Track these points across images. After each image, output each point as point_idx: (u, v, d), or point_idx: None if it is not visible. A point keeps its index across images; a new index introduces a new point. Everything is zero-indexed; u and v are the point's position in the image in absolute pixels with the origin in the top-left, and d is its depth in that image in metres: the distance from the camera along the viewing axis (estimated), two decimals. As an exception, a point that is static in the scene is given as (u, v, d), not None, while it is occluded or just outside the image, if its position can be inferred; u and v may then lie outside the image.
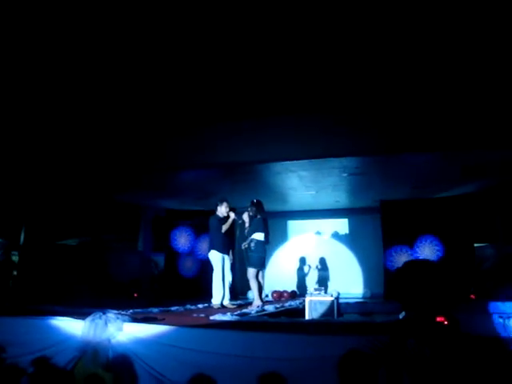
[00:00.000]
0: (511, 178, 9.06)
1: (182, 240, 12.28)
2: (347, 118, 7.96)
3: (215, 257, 7.36)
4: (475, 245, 10.47)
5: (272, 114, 8.15)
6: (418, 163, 8.74)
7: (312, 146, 8.00)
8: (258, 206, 7.41)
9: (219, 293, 7.28)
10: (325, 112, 8.01)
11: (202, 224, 11.55)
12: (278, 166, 8.81)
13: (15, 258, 11.74)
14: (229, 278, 7.49)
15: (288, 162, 8.50)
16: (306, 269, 12.90)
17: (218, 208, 7.61)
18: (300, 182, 10.03)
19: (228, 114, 8.22)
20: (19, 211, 11.32)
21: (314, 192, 10.98)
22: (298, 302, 8.52)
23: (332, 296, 7.19)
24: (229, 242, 7.74)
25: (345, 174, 9.27)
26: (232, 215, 7.54)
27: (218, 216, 7.58)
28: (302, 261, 12.99)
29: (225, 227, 7.48)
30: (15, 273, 11.43)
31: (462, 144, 7.54)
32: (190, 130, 8.82)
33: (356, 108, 7.85)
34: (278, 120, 8.26)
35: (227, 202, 7.64)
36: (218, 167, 9.02)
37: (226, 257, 7.46)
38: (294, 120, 8.17)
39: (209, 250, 7.48)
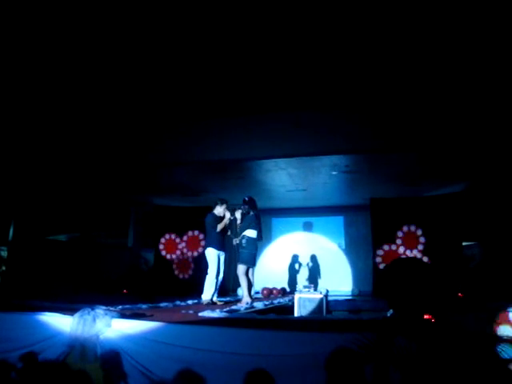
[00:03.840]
0: (499, 177, 9.15)
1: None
2: (337, 116, 8.00)
3: (212, 254, 7.38)
4: (463, 243, 10.56)
5: (262, 111, 8.16)
6: (407, 162, 8.81)
7: (302, 144, 8.02)
8: (251, 203, 7.41)
9: (210, 289, 7.30)
10: (315, 110, 8.03)
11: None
12: (268, 164, 8.84)
13: (4, 254, 11.67)
14: (221, 275, 7.52)
15: (278, 160, 8.53)
16: (296, 266, 12.94)
17: (217, 207, 7.62)
18: (290, 180, 10.07)
19: (218, 111, 8.21)
20: (8, 206, 11.24)
21: (303, 190, 11.02)
22: (287, 299, 8.56)
23: (321, 293, 7.23)
24: (224, 240, 7.75)
25: (335, 172, 9.31)
26: (228, 215, 7.55)
27: (214, 214, 7.60)
28: (293, 258, 13.03)
29: (220, 226, 7.48)
30: (4, 268, 11.37)
31: (451, 144, 7.61)
32: (180, 126, 8.81)
33: (346, 106, 7.88)
34: (267, 117, 8.28)
35: (227, 204, 7.65)
36: (208, 164, 9.03)
37: (221, 254, 7.49)
38: (284, 117, 8.19)
39: (205, 247, 7.50)
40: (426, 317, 4.24)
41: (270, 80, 7.17)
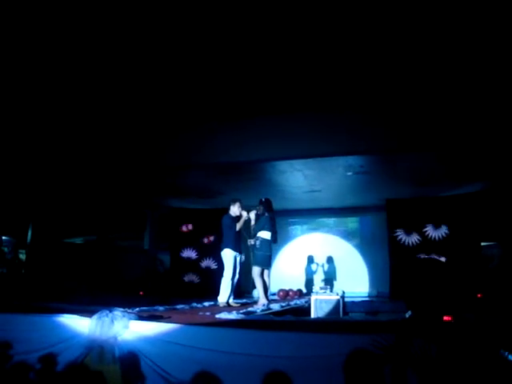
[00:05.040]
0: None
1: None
2: (352, 117, 7.96)
3: (228, 255, 7.38)
4: (482, 243, 10.43)
5: (277, 112, 8.15)
6: (423, 162, 8.72)
7: (317, 145, 8.00)
8: (267, 205, 7.37)
9: (227, 291, 7.30)
10: (330, 110, 8.00)
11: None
12: (283, 165, 8.83)
13: (23, 256, 11.83)
14: (237, 276, 7.52)
15: (293, 161, 8.51)
16: (313, 267, 12.88)
17: (231, 207, 7.64)
18: (305, 181, 10.03)
19: (233, 113, 8.23)
20: (26, 210, 11.40)
21: (319, 191, 10.97)
22: (303, 300, 8.52)
23: (337, 295, 7.19)
24: (240, 241, 7.76)
25: (350, 173, 9.25)
26: (244, 214, 7.55)
27: (230, 215, 7.61)
28: (309, 259, 12.98)
29: (239, 226, 7.51)
30: (23, 271, 11.52)
31: (466, 143, 7.52)
32: (195, 128, 8.84)
33: (361, 107, 7.84)
34: (283, 118, 8.27)
35: (240, 203, 7.66)
36: (222, 166, 9.05)
37: (237, 255, 7.49)
38: (299, 118, 8.17)
39: (222, 249, 7.52)
40: (445, 318, 4.19)
41: (285, 81, 7.16)
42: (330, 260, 12.81)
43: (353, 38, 6.11)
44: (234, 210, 7.62)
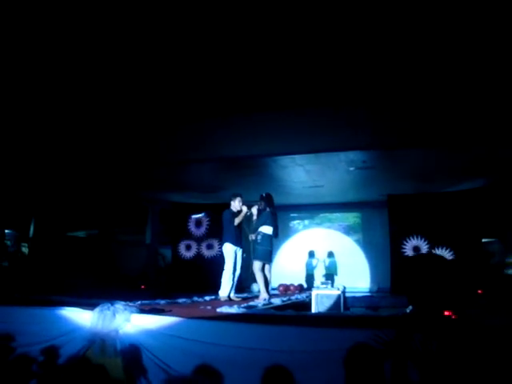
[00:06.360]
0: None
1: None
2: (354, 112, 7.94)
3: (228, 249, 7.41)
4: (483, 240, 10.43)
5: (278, 107, 8.13)
6: (426, 157, 8.71)
7: (319, 140, 7.99)
8: (268, 200, 7.39)
9: (228, 285, 7.33)
10: (332, 106, 7.98)
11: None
12: (284, 160, 8.82)
13: (25, 250, 11.86)
14: (238, 271, 7.54)
15: (294, 156, 8.50)
16: (313, 262, 12.89)
17: (232, 203, 7.66)
18: (307, 176, 10.03)
19: (234, 108, 8.21)
20: (29, 204, 11.42)
21: (321, 186, 10.97)
22: (304, 295, 8.54)
23: (338, 290, 7.21)
24: (241, 236, 7.78)
25: (352, 168, 9.25)
26: (244, 209, 7.57)
27: (231, 210, 7.63)
28: (310, 254, 12.99)
29: (237, 220, 7.52)
30: (25, 264, 11.56)
31: (468, 140, 7.50)
32: (197, 123, 8.83)
33: (363, 102, 7.82)
34: (284, 113, 8.25)
35: (241, 197, 7.68)
36: (224, 161, 9.04)
37: (238, 250, 7.51)
38: (301, 113, 8.15)
39: (222, 243, 7.54)
40: (446, 313, 4.19)
41: (288, 76, 7.14)
42: (330, 255, 12.81)
43: (354, 33, 6.07)
44: (235, 204, 7.65)
